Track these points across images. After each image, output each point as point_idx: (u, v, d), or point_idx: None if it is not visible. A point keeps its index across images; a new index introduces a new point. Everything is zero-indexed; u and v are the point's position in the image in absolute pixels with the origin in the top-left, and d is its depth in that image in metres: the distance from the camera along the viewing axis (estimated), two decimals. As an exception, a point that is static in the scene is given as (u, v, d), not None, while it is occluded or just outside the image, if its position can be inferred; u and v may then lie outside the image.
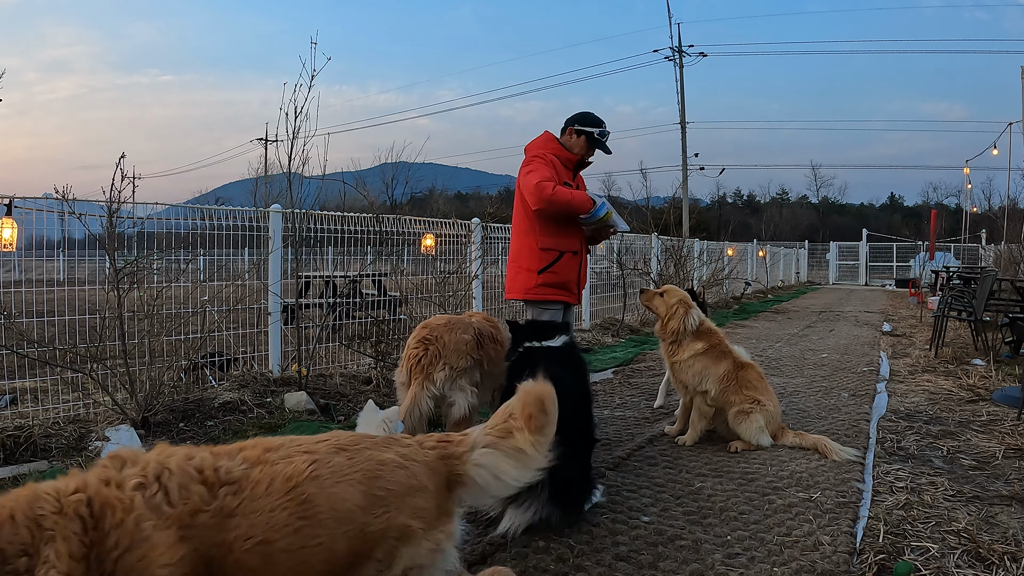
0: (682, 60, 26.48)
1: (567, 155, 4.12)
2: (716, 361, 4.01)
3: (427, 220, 7.20)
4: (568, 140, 4.15)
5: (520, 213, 4.19)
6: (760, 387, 3.98)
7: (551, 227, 4.03)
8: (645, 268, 10.93)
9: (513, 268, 4.19)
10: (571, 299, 4.21)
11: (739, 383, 3.95)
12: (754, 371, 4.04)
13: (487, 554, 2.52)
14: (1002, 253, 15.14)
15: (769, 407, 3.91)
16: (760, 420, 3.85)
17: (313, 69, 4.78)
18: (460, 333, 3.56)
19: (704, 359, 4.03)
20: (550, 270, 4.04)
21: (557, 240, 4.05)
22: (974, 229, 27.07)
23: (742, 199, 69.95)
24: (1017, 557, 2.43)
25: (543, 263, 4.04)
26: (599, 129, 4.13)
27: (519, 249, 4.18)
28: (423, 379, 3.39)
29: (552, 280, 4.06)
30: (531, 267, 4.06)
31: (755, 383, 3.97)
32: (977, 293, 7.12)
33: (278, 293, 5.25)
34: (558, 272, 4.06)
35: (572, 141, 4.13)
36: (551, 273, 4.04)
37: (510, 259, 4.25)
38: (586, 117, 4.18)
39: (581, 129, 4.13)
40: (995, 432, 4.11)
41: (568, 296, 4.17)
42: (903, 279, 22.98)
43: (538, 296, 4.10)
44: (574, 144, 4.13)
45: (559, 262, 4.06)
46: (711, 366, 4.00)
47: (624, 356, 7.19)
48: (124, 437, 3.68)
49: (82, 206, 4.24)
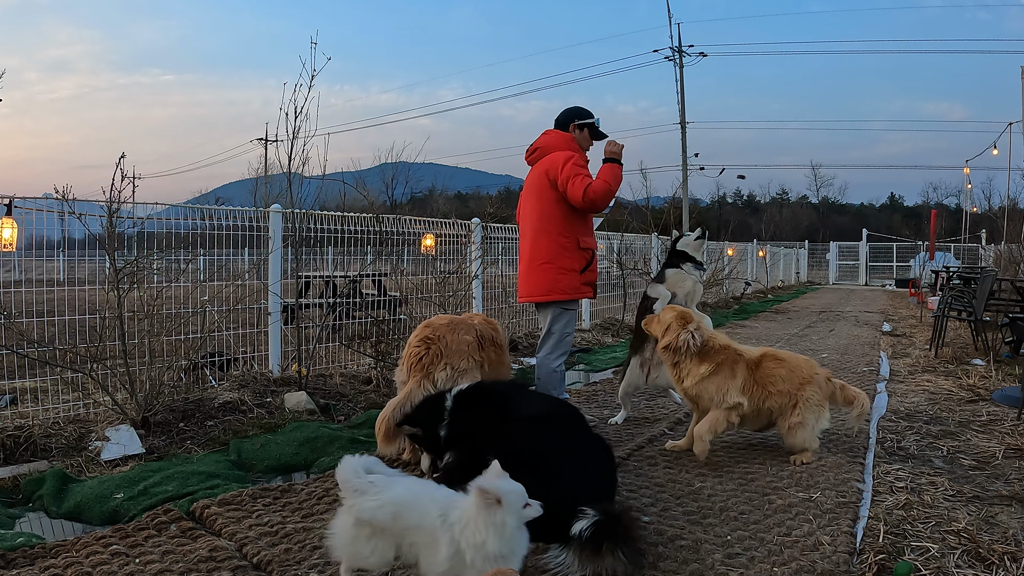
0: (682, 60, 26.45)
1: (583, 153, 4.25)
2: (731, 375, 3.53)
3: (427, 220, 7.20)
4: (578, 137, 4.23)
5: (553, 212, 4.06)
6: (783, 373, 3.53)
7: (587, 227, 4.22)
8: (645, 268, 10.93)
9: (552, 269, 4.05)
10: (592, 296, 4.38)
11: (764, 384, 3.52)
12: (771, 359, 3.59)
13: (487, 554, 2.52)
14: (1002, 253, 15.12)
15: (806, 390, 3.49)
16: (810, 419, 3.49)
17: (313, 69, 4.79)
18: (463, 334, 3.56)
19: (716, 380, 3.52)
20: (589, 269, 4.19)
21: (590, 239, 4.26)
22: (974, 229, 27.05)
23: (742, 199, 69.93)
24: (1017, 557, 2.43)
25: (583, 262, 4.16)
26: (596, 119, 4.26)
27: (556, 250, 4.05)
28: (421, 377, 3.39)
29: (591, 279, 4.29)
30: (574, 267, 4.10)
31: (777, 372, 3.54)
32: (977, 293, 7.11)
33: (278, 293, 5.25)
34: (593, 270, 4.28)
35: (580, 137, 4.23)
36: (591, 272, 4.25)
37: (542, 260, 4.07)
38: (580, 111, 4.29)
39: (582, 123, 4.27)
40: (995, 432, 4.11)
41: (591, 294, 4.32)
42: (903, 279, 22.97)
43: (578, 295, 4.18)
44: (583, 140, 4.27)
45: (594, 261, 4.24)
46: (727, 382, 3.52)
47: (624, 356, 7.18)
48: (124, 437, 3.68)
49: (82, 206, 4.24)
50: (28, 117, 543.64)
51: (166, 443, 3.81)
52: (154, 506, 2.91)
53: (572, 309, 4.15)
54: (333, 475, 3.37)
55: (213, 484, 3.19)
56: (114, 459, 3.52)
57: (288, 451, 3.72)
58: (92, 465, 3.43)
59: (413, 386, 3.37)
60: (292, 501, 3.03)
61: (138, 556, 2.46)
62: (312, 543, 2.58)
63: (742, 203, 68.69)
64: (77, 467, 3.39)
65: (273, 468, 3.60)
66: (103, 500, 2.99)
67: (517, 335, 7.54)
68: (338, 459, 2.26)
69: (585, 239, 4.14)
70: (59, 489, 3.11)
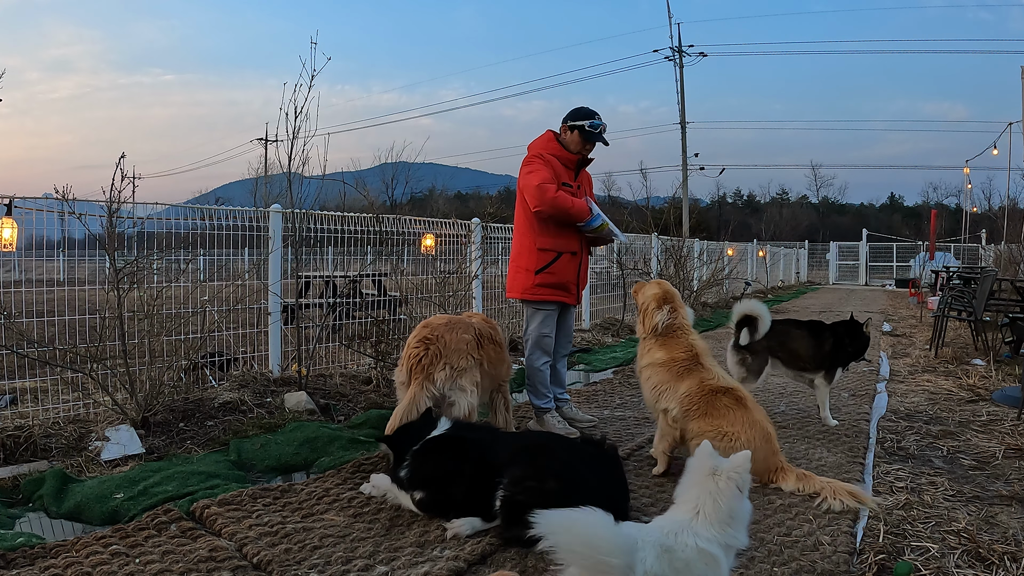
0: (682, 60, 26.51)
1: (566, 155, 4.13)
2: (678, 377, 3.34)
3: (427, 220, 7.19)
4: (564, 137, 4.15)
5: (520, 213, 4.22)
6: (734, 417, 3.17)
7: (550, 228, 4.07)
8: (645, 268, 10.94)
9: (513, 267, 4.26)
10: (569, 299, 4.23)
11: (707, 409, 3.22)
12: (732, 397, 3.25)
13: (487, 554, 2.52)
14: (1002, 253, 15.14)
15: (741, 440, 3.08)
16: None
17: (313, 69, 4.78)
18: (461, 333, 3.56)
19: (662, 372, 3.39)
20: (547, 270, 4.08)
21: (555, 241, 4.08)
22: (974, 229, 27.08)
23: (742, 199, 69.94)
24: (1017, 557, 2.43)
25: (541, 263, 4.08)
26: (590, 121, 4.07)
27: (519, 249, 4.23)
28: (423, 379, 3.38)
29: (549, 280, 4.09)
30: (529, 267, 4.11)
31: (729, 412, 3.19)
32: (977, 293, 7.11)
33: (278, 293, 5.25)
34: (555, 272, 4.09)
35: (567, 138, 4.14)
36: (548, 274, 4.08)
37: (511, 258, 4.29)
38: (577, 111, 4.16)
39: (573, 124, 4.11)
40: (995, 432, 4.11)
41: (566, 297, 4.19)
42: (903, 279, 22.97)
43: (535, 296, 4.15)
44: (569, 141, 4.13)
45: (557, 263, 4.09)
46: (671, 381, 3.35)
47: (624, 356, 7.19)
48: (124, 437, 3.68)
49: (82, 206, 4.23)
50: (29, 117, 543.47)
51: (166, 443, 3.81)
52: (154, 506, 2.91)
53: (543, 309, 4.15)
54: (333, 475, 3.39)
55: (213, 484, 3.19)
56: (114, 459, 3.52)
57: (288, 451, 3.71)
58: (92, 465, 3.43)
59: (416, 389, 3.36)
60: (292, 501, 3.03)
61: (138, 556, 2.46)
62: (312, 543, 2.58)
63: (742, 203, 68.71)
64: (77, 467, 3.39)
65: (273, 468, 3.60)
66: (103, 500, 2.99)
67: (517, 335, 7.53)
68: (338, 459, 2.25)
69: (545, 239, 4.05)
70: (59, 489, 3.10)
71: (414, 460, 2.86)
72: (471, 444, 2.86)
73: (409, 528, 2.74)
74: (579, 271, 4.21)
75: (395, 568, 2.40)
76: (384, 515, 2.87)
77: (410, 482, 2.84)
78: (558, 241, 4.09)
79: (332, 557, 2.47)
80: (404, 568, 2.40)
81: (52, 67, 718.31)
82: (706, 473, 1.88)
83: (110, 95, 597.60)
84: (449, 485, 2.76)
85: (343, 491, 3.16)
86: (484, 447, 2.84)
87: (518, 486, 2.57)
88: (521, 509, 2.28)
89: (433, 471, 2.81)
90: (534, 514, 1.71)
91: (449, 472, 2.78)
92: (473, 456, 2.78)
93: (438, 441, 2.91)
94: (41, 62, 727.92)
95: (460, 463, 2.78)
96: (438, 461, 2.82)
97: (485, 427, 3.50)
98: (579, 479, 2.58)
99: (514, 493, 2.57)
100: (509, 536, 2.54)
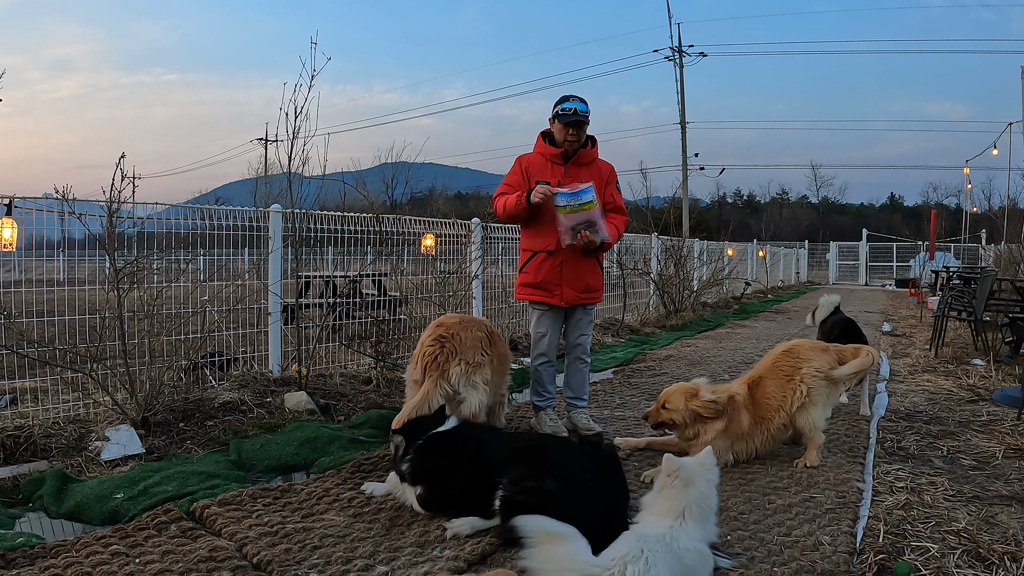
0: (682, 60, 26.49)
1: (549, 149, 4.06)
2: (736, 418, 3.56)
3: (427, 220, 7.19)
4: (552, 129, 4.10)
5: None
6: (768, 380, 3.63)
7: (528, 229, 4.18)
8: (645, 268, 10.93)
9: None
10: (551, 300, 4.09)
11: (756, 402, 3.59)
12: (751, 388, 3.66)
13: (487, 554, 2.52)
14: (1002, 253, 15.13)
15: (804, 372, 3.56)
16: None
17: (313, 69, 4.78)
18: (475, 330, 3.64)
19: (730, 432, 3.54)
20: (524, 270, 4.17)
21: (532, 240, 4.15)
22: (974, 229, 27.06)
23: (742, 199, 69.93)
24: (1017, 557, 2.43)
25: (520, 263, 4.22)
26: (561, 106, 3.95)
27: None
28: (438, 376, 3.42)
29: (527, 280, 4.15)
30: (518, 268, 4.22)
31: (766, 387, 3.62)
32: (977, 293, 7.11)
33: (278, 293, 5.25)
34: (531, 272, 4.13)
35: (553, 129, 4.07)
36: (525, 273, 4.17)
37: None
38: (557, 101, 4.03)
39: (553, 115, 4.03)
40: (995, 432, 4.11)
41: (547, 297, 4.10)
42: (903, 279, 22.98)
43: (518, 296, 4.30)
44: (555, 132, 4.05)
45: (531, 262, 4.15)
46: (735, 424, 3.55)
47: (624, 356, 7.19)
48: (124, 437, 3.68)
49: (82, 206, 4.23)
50: (29, 117, 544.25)
51: (166, 443, 3.81)
52: (154, 506, 2.91)
53: (535, 308, 4.21)
54: (333, 475, 3.39)
55: (213, 484, 3.19)
56: (114, 459, 3.51)
57: (288, 451, 3.71)
58: (92, 465, 3.43)
59: (430, 386, 3.39)
60: (292, 501, 3.03)
61: (138, 556, 2.46)
62: (312, 543, 2.58)
63: (742, 203, 68.69)
64: (77, 467, 3.39)
65: (273, 468, 3.60)
66: (103, 500, 2.99)
67: (517, 335, 7.54)
68: (338, 459, 2.25)
69: (524, 240, 4.20)
70: (59, 489, 3.10)
71: (417, 453, 2.87)
72: (472, 442, 2.87)
73: (409, 528, 2.74)
74: (562, 271, 4.02)
75: (395, 568, 2.40)
76: (384, 515, 2.87)
77: (411, 475, 2.85)
78: (534, 241, 4.11)
79: (332, 557, 2.47)
80: (404, 568, 2.40)
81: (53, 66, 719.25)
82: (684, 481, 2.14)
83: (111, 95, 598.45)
84: (447, 480, 2.76)
85: (343, 491, 3.16)
86: (485, 446, 2.84)
87: (517, 486, 2.58)
88: (520, 509, 2.28)
89: (433, 465, 2.82)
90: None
91: (448, 468, 2.79)
92: (473, 454, 2.79)
93: (441, 436, 2.92)
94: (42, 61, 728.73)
95: (459, 460, 2.79)
96: (439, 456, 2.83)
97: (488, 427, 3.52)
98: (578, 480, 2.59)
99: (513, 493, 2.57)
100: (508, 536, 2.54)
